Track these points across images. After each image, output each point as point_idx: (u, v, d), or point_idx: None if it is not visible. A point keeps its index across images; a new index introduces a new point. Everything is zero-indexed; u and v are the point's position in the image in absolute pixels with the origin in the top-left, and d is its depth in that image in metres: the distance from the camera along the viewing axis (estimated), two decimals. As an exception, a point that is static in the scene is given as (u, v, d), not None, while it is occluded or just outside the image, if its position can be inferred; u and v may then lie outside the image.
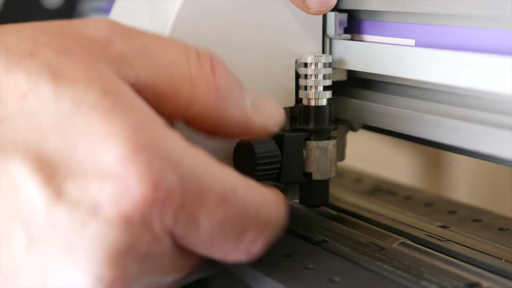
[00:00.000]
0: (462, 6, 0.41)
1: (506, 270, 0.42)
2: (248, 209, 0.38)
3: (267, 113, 0.42)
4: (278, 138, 0.45)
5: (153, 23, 0.46)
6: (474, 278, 0.41)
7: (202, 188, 0.36)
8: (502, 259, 0.44)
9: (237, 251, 0.38)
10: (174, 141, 0.36)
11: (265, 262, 0.43)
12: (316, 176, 0.46)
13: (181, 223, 0.36)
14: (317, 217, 0.51)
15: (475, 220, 0.52)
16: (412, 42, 0.45)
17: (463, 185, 1.12)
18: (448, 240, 0.47)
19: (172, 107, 0.39)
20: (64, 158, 0.35)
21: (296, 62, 0.48)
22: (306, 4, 0.45)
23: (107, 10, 0.78)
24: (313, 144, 0.46)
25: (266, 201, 0.39)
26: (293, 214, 0.50)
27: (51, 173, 0.35)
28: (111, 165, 0.35)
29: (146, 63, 0.38)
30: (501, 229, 0.50)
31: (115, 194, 0.35)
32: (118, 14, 0.51)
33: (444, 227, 0.50)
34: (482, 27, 0.41)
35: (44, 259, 0.35)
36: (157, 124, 0.36)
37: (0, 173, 0.35)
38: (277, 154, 0.45)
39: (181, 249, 0.38)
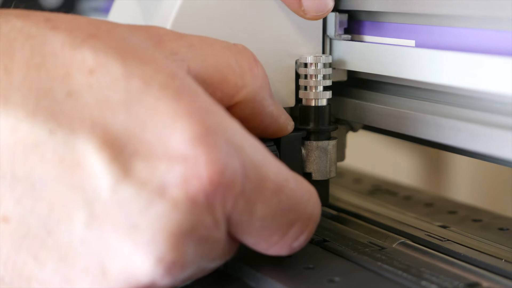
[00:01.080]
0: (462, 6, 0.41)
1: (506, 270, 0.42)
2: (298, 202, 0.38)
3: (287, 115, 0.44)
4: (276, 139, 0.45)
5: (152, 23, 0.46)
6: (474, 278, 0.41)
7: (260, 176, 0.37)
8: (502, 259, 0.44)
9: (281, 243, 0.39)
10: (236, 127, 0.37)
11: (265, 262, 0.43)
12: (316, 176, 0.46)
13: (239, 209, 0.36)
14: (317, 217, 0.50)
15: (475, 220, 0.52)
16: (412, 42, 0.45)
17: (463, 185, 1.12)
18: (448, 240, 0.47)
19: (220, 94, 0.40)
20: (132, 136, 0.35)
21: (296, 63, 0.48)
22: (302, 9, 0.46)
23: (106, 10, 0.78)
24: (313, 144, 0.46)
25: (312, 196, 0.40)
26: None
27: (119, 150, 0.35)
28: (180, 145, 0.35)
29: (194, 56, 0.39)
30: (501, 229, 0.50)
31: (184, 175, 0.35)
32: (117, 14, 0.51)
33: (444, 227, 0.50)
34: (482, 28, 0.41)
35: (104, 238, 0.35)
36: (220, 109, 0.37)
37: (66, 147, 0.35)
38: (276, 155, 0.45)
39: (232, 238, 0.38)
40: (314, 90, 0.46)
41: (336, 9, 0.48)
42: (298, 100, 0.48)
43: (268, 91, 0.42)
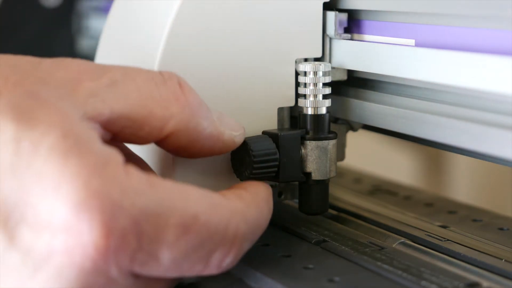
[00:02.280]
0: (462, 6, 0.41)
1: (506, 270, 0.42)
2: (212, 232, 0.38)
3: (232, 127, 0.43)
4: (274, 138, 0.45)
5: (151, 23, 0.46)
6: (474, 278, 0.41)
7: (159, 224, 0.36)
8: (502, 259, 0.44)
9: (208, 269, 0.39)
10: (129, 181, 0.36)
11: (265, 262, 0.43)
12: (316, 176, 0.46)
13: (141, 261, 0.36)
14: (317, 217, 0.50)
15: (475, 220, 0.52)
16: (412, 42, 0.45)
17: (463, 185, 1.12)
18: (448, 240, 0.46)
19: (148, 129, 0.39)
20: (18, 202, 0.35)
21: (296, 61, 0.48)
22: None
23: (105, 9, 0.78)
24: (313, 143, 0.46)
25: (234, 217, 0.39)
26: (293, 214, 0.50)
27: (5, 216, 0.35)
28: (63, 213, 0.35)
29: (116, 95, 0.39)
30: (501, 229, 0.50)
31: (67, 243, 0.35)
32: (116, 14, 0.51)
33: (444, 227, 0.50)
34: (482, 27, 0.41)
35: None
36: (113, 165, 0.36)
37: None
38: (275, 152, 0.44)
39: (146, 280, 0.38)
40: (313, 99, 0.46)
41: (336, 8, 0.48)
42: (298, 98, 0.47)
43: (202, 115, 0.41)
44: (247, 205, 0.40)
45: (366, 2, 0.46)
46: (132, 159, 0.42)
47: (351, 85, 0.49)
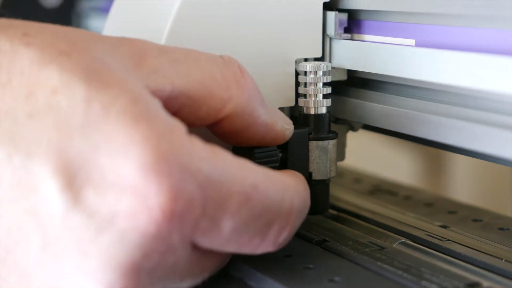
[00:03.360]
0: (462, 6, 0.41)
1: (506, 270, 0.42)
2: (271, 203, 0.38)
3: (283, 119, 0.44)
4: None
5: (151, 23, 0.46)
6: (474, 278, 0.41)
7: (222, 192, 0.36)
8: (502, 259, 0.44)
9: (265, 244, 0.39)
10: (194, 148, 0.36)
11: (265, 262, 0.43)
12: (316, 176, 0.46)
13: (203, 229, 0.36)
14: (317, 217, 0.50)
15: (475, 220, 0.52)
16: (412, 42, 0.45)
17: (463, 185, 1.12)
18: (448, 240, 0.47)
19: (207, 109, 0.40)
20: (86, 162, 0.35)
21: (296, 61, 0.48)
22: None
23: (106, 10, 0.78)
24: (313, 143, 0.46)
25: (288, 190, 0.39)
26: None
27: (72, 176, 0.35)
28: (130, 175, 0.34)
29: (178, 72, 0.39)
30: (501, 229, 0.50)
31: (133, 206, 0.34)
32: (116, 14, 0.51)
33: (444, 227, 0.50)
34: (482, 27, 0.41)
35: (58, 263, 0.35)
36: (179, 132, 0.36)
37: (23, 171, 0.35)
38: (276, 153, 0.44)
39: (200, 253, 0.38)
40: (313, 98, 0.46)
41: (336, 8, 0.48)
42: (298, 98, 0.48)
43: (259, 101, 0.41)
44: (297, 181, 0.41)
45: (366, 2, 0.46)
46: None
47: (351, 85, 0.49)
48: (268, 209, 0.38)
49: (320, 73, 0.46)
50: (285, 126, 0.43)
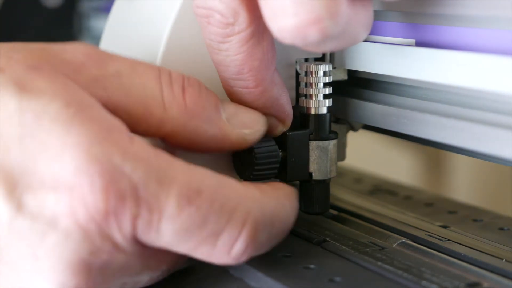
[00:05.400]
0: (463, 6, 0.41)
1: (507, 270, 0.42)
2: (217, 210, 0.38)
3: (246, 125, 0.43)
4: (282, 137, 0.45)
5: (152, 23, 0.46)
6: (474, 278, 0.41)
7: (160, 193, 0.37)
8: (502, 259, 0.44)
9: (217, 254, 0.38)
10: (132, 148, 0.37)
11: (265, 262, 0.43)
12: (316, 176, 0.46)
13: (142, 229, 0.37)
14: (318, 217, 0.50)
15: (475, 220, 0.52)
16: (412, 42, 0.45)
17: (463, 185, 1.12)
18: (448, 240, 0.47)
19: (145, 126, 0.40)
20: (25, 171, 0.36)
21: (296, 62, 0.48)
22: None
23: (107, 10, 0.78)
24: (313, 143, 0.46)
25: (244, 200, 0.39)
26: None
27: (13, 185, 0.36)
28: (66, 177, 0.36)
29: (118, 86, 0.39)
30: (501, 229, 0.50)
31: (71, 205, 0.36)
32: (117, 14, 0.51)
33: (444, 227, 0.50)
34: (482, 27, 0.41)
35: (15, 269, 0.37)
36: (117, 133, 0.37)
37: None
38: (277, 154, 0.45)
39: (153, 250, 0.38)
40: (314, 99, 0.46)
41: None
42: (298, 97, 0.47)
43: (204, 117, 0.41)
44: (264, 194, 0.40)
45: (367, 2, 0.46)
46: None
47: (351, 84, 0.49)
48: (213, 216, 0.38)
49: (320, 73, 0.46)
50: (243, 132, 0.43)
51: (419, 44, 0.44)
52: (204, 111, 0.41)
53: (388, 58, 0.45)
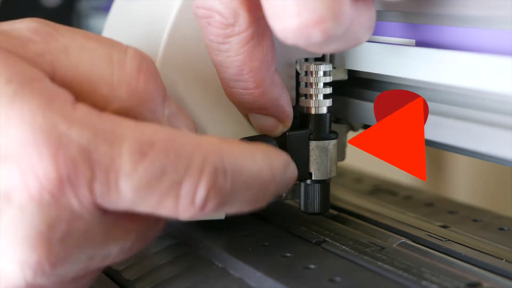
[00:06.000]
0: (463, 6, 0.41)
1: (507, 270, 0.42)
2: (173, 160, 0.37)
3: (183, 124, 0.42)
4: (282, 137, 0.45)
5: (151, 22, 0.46)
6: (474, 278, 0.41)
7: (111, 152, 0.36)
8: (502, 259, 0.44)
9: (182, 205, 0.37)
10: (77, 114, 0.37)
11: (266, 262, 0.43)
12: (316, 176, 0.46)
13: (100, 193, 0.36)
14: (318, 217, 0.50)
15: (475, 220, 0.52)
16: (412, 42, 0.45)
17: (463, 185, 1.12)
18: (448, 240, 0.47)
19: (90, 102, 0.39)
20: None
21: (296, 61, 0.48)
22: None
23: (106, 9, 0.78)
24: (313, 143, 0.46)
25: (201, 147, 0.38)
26: (293, 214, 0.50)
27: None
28: (13, 150, 0.36)
29: (65, 62, 0.39)
30: (501, 229, 0.50)
31: (22, 177, 0.36)
32: (116, 13, 0.51)
33: (444, 227, 0.50)
34: (482, 27, 0.41)
35: None
36: (60, 101, 0.37)
37: None
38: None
39: (115, 216, 0.38)
40: (314, 98, 0.46)
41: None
42: (298, 97, 0.47)
43: (149, 106, 0.40)
44: (223, 141, 0.39)
45: (367, 2, 0.46)
46: None
47: (351, 84, 0.49)
48: (170, 166, 0.37)
49: (320, 73, 0.46)
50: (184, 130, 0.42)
51: (419, 44, 0.44)
52: (152, 101, 0.40)
53: (388, 58, 0.45)
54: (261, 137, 0.45)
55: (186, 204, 0.37)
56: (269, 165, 0.40)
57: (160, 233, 0.41)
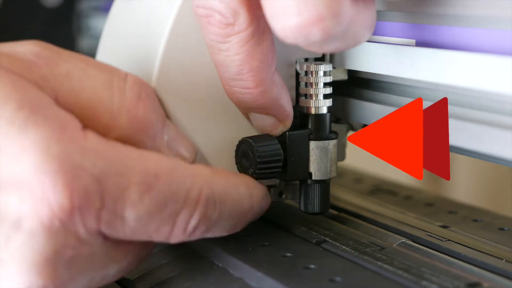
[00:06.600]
0: (463, 6, 0.41)
1: (507, 270, 0.42)
2: (175, 191, 0.39)
3: (179, 154, 0.43)
4: (282, 137, 0.45)
5: (151, 23, 0.46)
6: (474, 278, 0.41)
7: (121, 183, 0.37)
8: (502, 259, 0.44)
9: (175, 232, 0.40)
10: (88, 143, 0.37)
11: (266, 262, 0.43)
12: (316, 176, 0.46)
13: (106, 221, 0.38)
14: (318, 217, 0.50)
15: (475, 220, 0.52)
16: (412, 42, 0.45)
17: (463, 185, 1.12)
18: (448, 240, 0.47)
19: (92, 128, 0.39)
20: None
21: (296, 62, 0.48)
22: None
23: (106, 9, 0.78)
24: (313, 143, 0.46)
25: (196, 179, 0.40)
26: (293, 214, 0.50)
27: None
28: (27, 178, 0.36)
29: (67, 88, 0.39)
30: (501, 229, 0.50)
31: (34, 205, 0.36)
32: (117, 13, 0.51)
33: (444, 227, 0.50)
34: (482, 27, 0.41)
35: None
36: (71, 129, 0.37)
37: None
38: (279, 153, 0.45)
39: (116, 242, 0.39)
40: (314, 98, 0.46)
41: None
42: (298, 96, 0.47)
43: (149, 133, 0.41)
44: (214, 173, 0.41)
45: (367, 2, 0.46)
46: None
47: (351, 84, 0.49)
48: (172, 197, 0.39)
49: (320, 73, 0.46)
50: (184, 155, 0.44)
51: (419, 44, 0.44)
52: (152, 128, 0.41)
53: (388, 58, 0.45)
54: (261, 137, 0.45)
55: (179, 231, 0.40)
56: (249, 196, 0.42)
57: (152, 251, 0.42)
